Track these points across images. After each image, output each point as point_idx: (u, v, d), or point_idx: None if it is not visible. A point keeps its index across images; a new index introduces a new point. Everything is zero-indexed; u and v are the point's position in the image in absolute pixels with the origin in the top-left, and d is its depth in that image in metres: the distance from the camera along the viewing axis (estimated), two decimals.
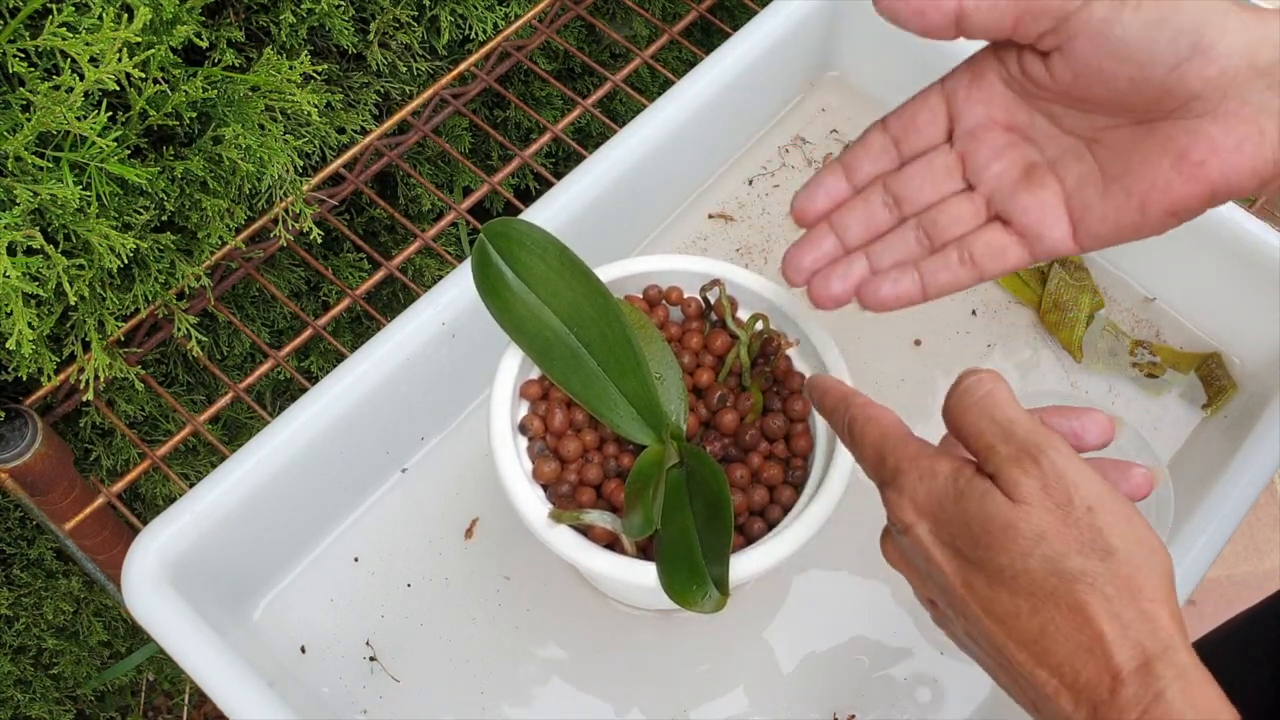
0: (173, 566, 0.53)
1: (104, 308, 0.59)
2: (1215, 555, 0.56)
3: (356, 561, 0.61)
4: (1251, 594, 1.22)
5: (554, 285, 0.50)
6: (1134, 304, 0.71)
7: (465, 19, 0.75)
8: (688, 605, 0.44)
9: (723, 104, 0.70)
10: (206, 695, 0.51)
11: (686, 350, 0.55)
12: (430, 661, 0.59)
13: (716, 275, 0.55)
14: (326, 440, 0.57)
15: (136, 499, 0.78)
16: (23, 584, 0.77)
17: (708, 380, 0.54)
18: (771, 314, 0.55)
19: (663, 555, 0.46)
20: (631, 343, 0.50)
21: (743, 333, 0.53)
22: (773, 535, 0.49)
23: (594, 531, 0.49)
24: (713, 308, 0.55)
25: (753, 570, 0.47)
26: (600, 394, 0.50)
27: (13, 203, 0.48)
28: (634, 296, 0.55)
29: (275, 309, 0.79)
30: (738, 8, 0.90)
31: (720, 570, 0.44)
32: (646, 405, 0.50)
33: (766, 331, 0.53)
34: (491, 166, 0.88)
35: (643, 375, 0.50)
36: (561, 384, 0.50)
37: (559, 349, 0.50)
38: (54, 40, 0.48)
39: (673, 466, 0.49)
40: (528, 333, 0.50)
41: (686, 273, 0.56)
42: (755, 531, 0.50)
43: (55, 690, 0.87)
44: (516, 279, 0.50)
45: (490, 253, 0.50)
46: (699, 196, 0.74)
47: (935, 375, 0.67)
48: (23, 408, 0.60)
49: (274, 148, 0.58)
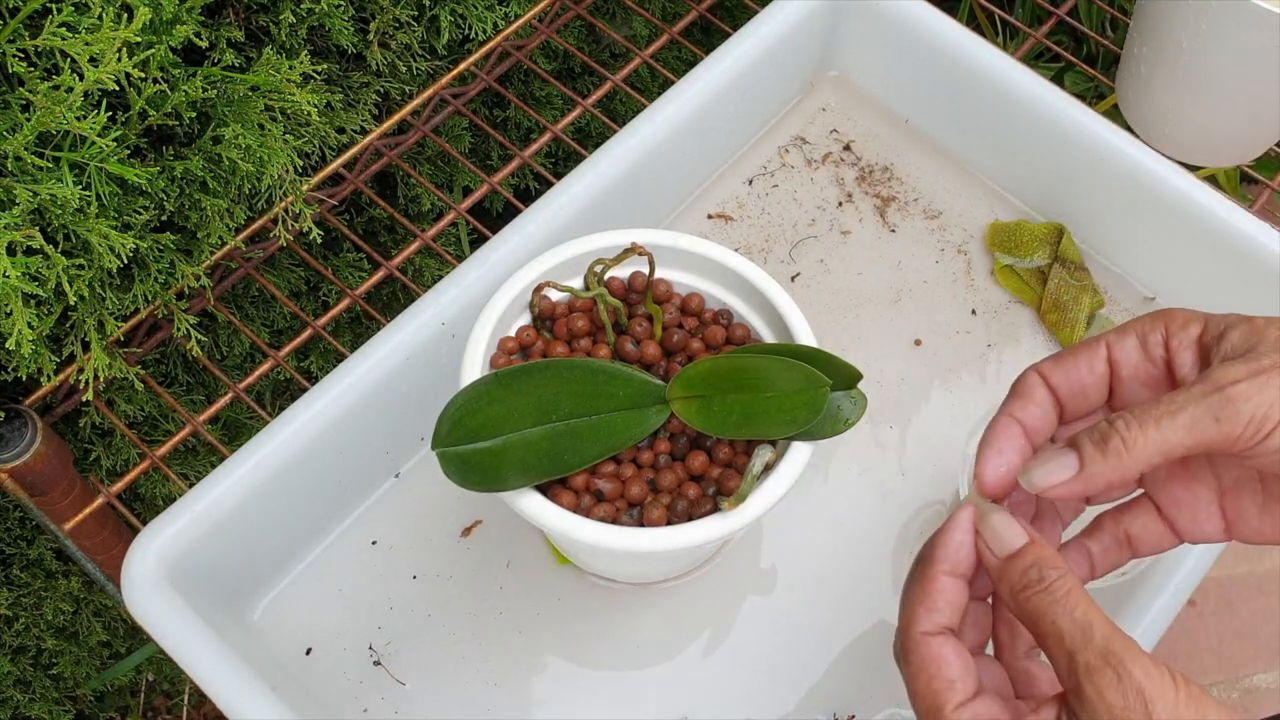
0: (172, 566, 0.53)
1: (104, 308, 0.58)
2: (1216, 555, 0.56)
3: (356, 561, 0.61)
4: (1251, 594, 1.22)
5: (509, 414, 0.49)
6: (1134, 304, 0.70)
7: (465, 19, 0.75)
8: (833, 426, 0.48)
9: (723, 104, 0.70)
10: (206, 695, 0.51)
11: (629, 336, 0.55)
12: (434, 659, 0.59)
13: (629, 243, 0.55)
14: (326, 440, 0.57)
15: (136, 499, 0.78)
16: (22, 584, 0.77)
17: (654, 352, 0.54)
18: (724, 277, 0.56)
19: (768, 408, 0.47)
20: (593, 369, 0.50)
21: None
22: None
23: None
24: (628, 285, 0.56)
25: (769, 501, 0.48)
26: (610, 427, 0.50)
27: (13, 203, 0.48)
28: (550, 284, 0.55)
29: (275, 309, 0.79)
30: (738, 8, 0.90)
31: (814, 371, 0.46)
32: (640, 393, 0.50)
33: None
34: (491, 166, 0.88)
35: (621, 377, 0.50)
36: (591, 460, 0.49)
37: (562, 439, 0.49)
38: (54, 40, 0.48)
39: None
40: (529, 456, 0.49)
41: (612, 248, 0.55)
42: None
43: (55, 690, 0.87)
44: (484, 446, 0.49)
45: (451, 457, 0.49)
46: (699, 196, 0.73)
47: (935, 375, 0.67)
48: (22, 408, 0.60)
49: (274, 148, 0.58)
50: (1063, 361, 0.40)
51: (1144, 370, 0.40)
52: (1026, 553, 0.36)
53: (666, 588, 0.61)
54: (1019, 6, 1.03)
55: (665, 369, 0.54)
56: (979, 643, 0.40)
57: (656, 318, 0.54)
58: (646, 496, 0.50)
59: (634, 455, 0.51)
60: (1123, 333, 0.40)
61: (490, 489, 0.48)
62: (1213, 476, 0.40)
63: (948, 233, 0.73)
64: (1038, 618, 0.35)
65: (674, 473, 0.51)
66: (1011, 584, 0.36)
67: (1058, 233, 0.70)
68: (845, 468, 0.64)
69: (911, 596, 0.38)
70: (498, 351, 0.54)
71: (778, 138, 0.76)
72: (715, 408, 0.48)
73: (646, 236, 0.55)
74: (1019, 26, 0.81)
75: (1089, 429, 0.37)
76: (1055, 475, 0.37)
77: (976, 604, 0.40)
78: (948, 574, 0.37)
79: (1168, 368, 0.39)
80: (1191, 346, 0.39)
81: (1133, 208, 0.67)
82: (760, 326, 0.55)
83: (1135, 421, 0.36)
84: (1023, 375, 0.41)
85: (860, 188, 0.74)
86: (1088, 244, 0.71)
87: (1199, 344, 0.39)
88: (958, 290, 0.71)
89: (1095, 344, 0.40)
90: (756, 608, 0.60)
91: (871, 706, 0.58)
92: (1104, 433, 0.36)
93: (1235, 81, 0.67)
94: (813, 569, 0.62)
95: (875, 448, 0.65)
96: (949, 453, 0.65)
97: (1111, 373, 0.40)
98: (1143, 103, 0.74)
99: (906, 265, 0.71)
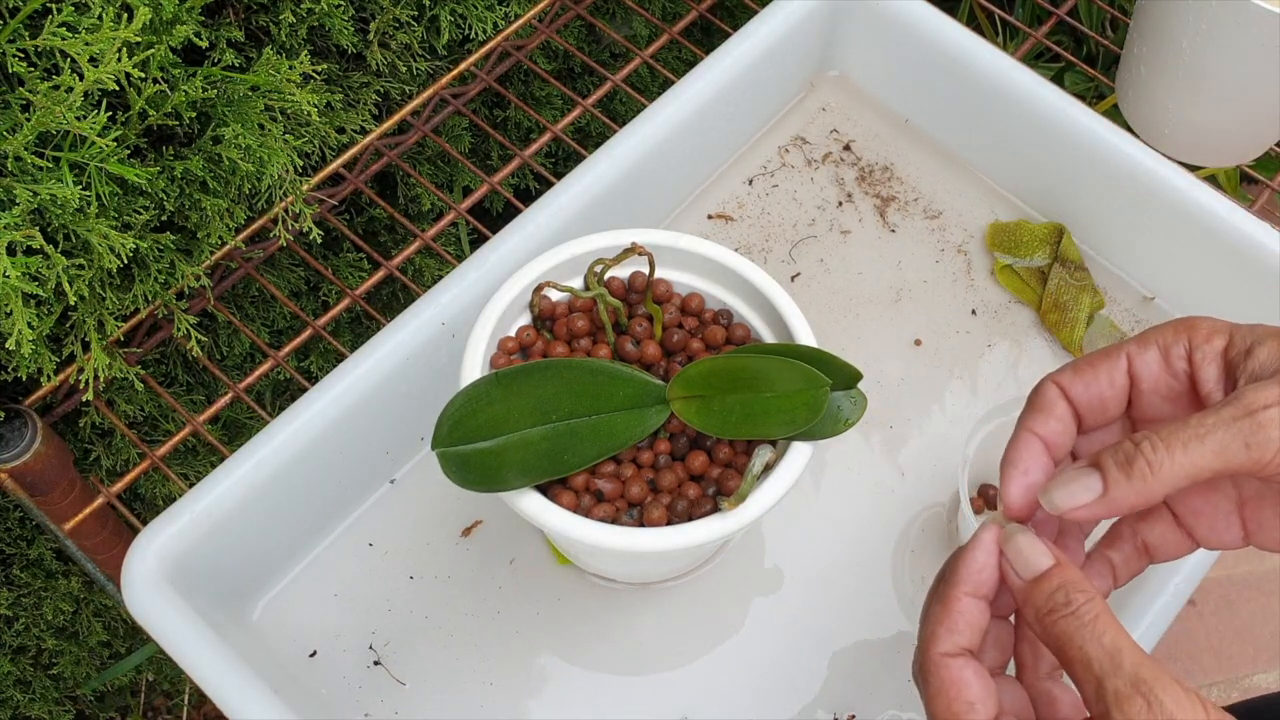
0: (172, 566, 0.53)
1: (104, 308, 0.58)
2: (1215, 556, 0.56)
3: (356, 561, 0.61)
4: (1251, 594, 1.22)
5: (509, 414, 0.49)
6: (1134, 304, 0.70)
7: (465, 19, 0.75)
8: (833, 426, 0.48)
9: (723, 104, 0.70)
10: (206, 695, 0.51)
11: (629, 335, 0.55)
12: (434, 659, 0.59)
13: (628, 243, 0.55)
14: (326, 440, 0.57)
15: (136, 499, 0.78)
16: (22, 584, 0.77)
17: (654, 351, 0.54)
18: (724, 277, 0.56)
19: (769, 408, 0.47)
20: (593, 369, 0.50)
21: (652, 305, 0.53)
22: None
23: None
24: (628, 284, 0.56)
25: (769, 501, 0.48)
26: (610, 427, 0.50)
27: (13, 203, 0.48)
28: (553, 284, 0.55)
29: (275, 309, 0.79)
30: (738, 8, 0.90)
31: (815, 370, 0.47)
32: (640, 393, 0.50)
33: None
34: (491, 166, 0.88)
35: (621, 377, 0.50)
36: (590, 461, 0.49)
37: (562, 440, 0.49)
38: (53, 40, 0.48)
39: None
40: (529, 457, 0.49)
41: (613, 248, 0.55)
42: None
43: (55, 690, 0.87)
44: (484, 446, 0.49)
45: (451, 457, 0.49)
46: (699, 196, 0.73)
47: (935, 375, 0.67)
48: (22, 408, 0.60)
49: (274, 148, 0.58)
50: (1082, 373, 0.39)
51: (1165, 384, 0.39)
52: (1053, 575, 0.35)
53: (666, 588, 0.61)
54: (1019, 6, 1.03)
55: (665, 369, 0.54)
56: (1000, 663, 0.39)
57: (656, 318, 0.54)
58: (646, 496, 0.50)
59: (634, 455, 0.51)
60: (1144, 343, 0.39)
61: (490, 489, 0.48)
62: (1232, 488, 0.39)
63: (948, 233, 0.73)
64: (1065, 642, 0.34)
65: (674, 473, 0.51)
66: (1037, 607, 0.35)
67: (1058, 233, 0.70)
68: (845, 468, 0.64)
69: (932, 616, 0.37)
70: (498, 351, 0.54)
71: (778, 138, 0.76)
72: (715, 408, 0.48)
73: (646, 236, 0.55)
74: (1019, 26, 0.81)
75: (1113, 449, 0.36)
76: (1079, 497, 0.36)
77: (998, 622, 0.39)
78: (969, 594, 0.37)
79: (1191, 382, 0.38)
80: (1216, 361, 0.38)
81: (1133, 208, 0.67)
82: (760, 326, 0.55)
83: (1162, 444, 0.35)
84: (1040, 387, 0.40)
85: (860, 188, 0.74)
86: (1088, 244, 0.71)
87: (1224, 358, 0.38)
88: (958, 290, 0.71)
89: (1115, 355, 0.39)
90: (756, 608, 0.60)
91: (872, 707, 0.58)
92: (1129, 455, 0.35)
93: (1235, 81, 0.67)
94: (812, 569, 0.62)
95: (875, 448, 0.65)
96: (949, 453, 0.65)
97: (1132, 385, 0.39)
98: (1143, 103, 0.74)
99: (906, 265, 0.71)
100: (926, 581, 0.61)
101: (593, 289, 0.53)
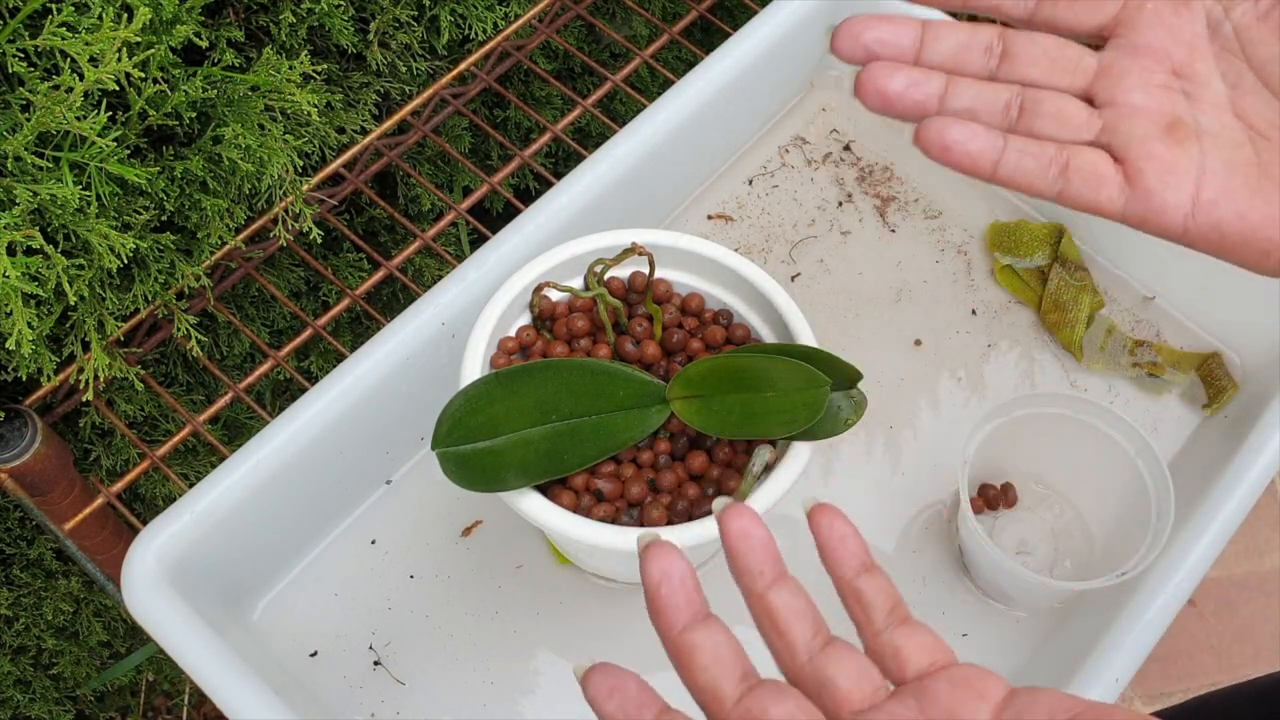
0: (172, 566, 0.53)
1: (104, 308, 0.58)
2: (1215, 555, 0.56)
3: (357, 561, 0.61)
4: (1251, 594, 1.22)
5: (509, 414, 0.49)
6: (1134, 304, 0.70)
7: (465, 19, 0.75)
8: (833, 425, 0.47)
9: (723, 104, 0.70)
10: (206, 695, 0.51)
11: (629, 335, 0.55)
12: (433, 658, 0.59)
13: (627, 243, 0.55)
14: (326, 440, 0.57)
15: (136, 499, 0.78)
16: (22, 584, 0.77)
17: (654, 351, 0.54)
18: (724, 277, 0.56)
19: (769, 407, 0.47)
20: (593, 369, 0.50)
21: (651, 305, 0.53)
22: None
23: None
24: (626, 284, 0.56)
25: (769, 501, 0.48)
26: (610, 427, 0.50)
27: (13, 203, 0.48)
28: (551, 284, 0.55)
29: (275, 309, 0.79)
30: (738, 8, 0.90)
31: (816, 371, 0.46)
32: (640, 393, 0.50)
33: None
34: (491, 166, 0.88)
35: (621, 377, 0.50)
36: (590, 461, 0.48)
37: (562, 440, 0.49)
38: (54, 40, 0.48)
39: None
40: (529, 456, 0.49)
41: (612, 248, 0.55)
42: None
43: (55, 690, 0.87)
44: (482, 445, 0.49)
45: (451, 457, 0.49)
46: (699, 196, 0.73)
47: (935, 375, 0.67)
48: (22, 408, 0.60)
49: (274, 148, 0.58)
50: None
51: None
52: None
53: None
54: None
55: (665, 369, 0.54)
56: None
57: (656, 318, 0.54)
58: (646, 496, 0.50)
59: (634, 455, 0.51)
60: None
61: (490, 489, 0.48)
62: (1199, 150, 0.35)
63: (948, 233, 0.73)
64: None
65: (674, 473, 0.51)
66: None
67: (1058, 233, 0.70)
68: (845, 468, 0.64)
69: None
70: (498, 351, 0.54)
71: (778, 138, 0.76)
72: (715, 408, 0.48)
73: (646, 236, 0.55)
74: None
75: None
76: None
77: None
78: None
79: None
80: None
81: None
82: (760, 326, 0.55)
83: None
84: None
85: (860, 188, 0.74)
86: (1088, 244, 0.71)
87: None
88: (958, 290, 0.71)
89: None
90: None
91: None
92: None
93: None
94: (812, 569, 0.61)
95: (875, 448, 0.65)
96: (949, 453, 0.65)
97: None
98: None
99: (906, 265, 0.71)
100: (928, 581, 0.61)
101: (593, 289, 0.53)
